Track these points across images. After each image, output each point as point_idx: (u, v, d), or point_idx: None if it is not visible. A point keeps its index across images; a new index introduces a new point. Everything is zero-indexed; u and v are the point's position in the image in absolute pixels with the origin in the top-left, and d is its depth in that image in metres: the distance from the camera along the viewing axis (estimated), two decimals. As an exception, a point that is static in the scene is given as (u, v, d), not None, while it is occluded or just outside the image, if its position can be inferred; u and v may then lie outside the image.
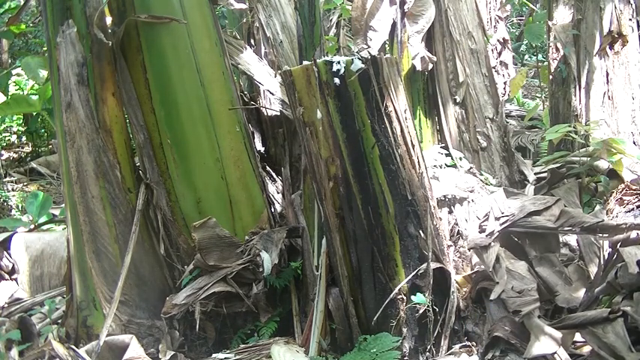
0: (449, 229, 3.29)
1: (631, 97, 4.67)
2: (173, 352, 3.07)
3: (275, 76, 3.88)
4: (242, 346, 3.01)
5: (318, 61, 2.60)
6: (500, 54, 8.69)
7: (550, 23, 4.99)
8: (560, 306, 3.01)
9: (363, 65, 2.57)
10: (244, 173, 3.40)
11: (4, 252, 4.02)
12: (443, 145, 4.28)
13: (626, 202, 3.55)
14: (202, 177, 3.30)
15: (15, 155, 8.45)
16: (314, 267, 3.12)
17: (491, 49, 4.75)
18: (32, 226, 4.68)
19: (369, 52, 3.59)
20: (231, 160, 3.35)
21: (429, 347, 2.77)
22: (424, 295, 2.72)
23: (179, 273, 3.33)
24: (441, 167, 3.87)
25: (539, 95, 8.09)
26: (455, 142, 4.28)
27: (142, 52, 3.23)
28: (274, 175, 3.98)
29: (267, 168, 3.98)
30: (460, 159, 4.07)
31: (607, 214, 3.44)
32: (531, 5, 8.72)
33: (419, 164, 2.75)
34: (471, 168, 4.05)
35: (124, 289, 3.16)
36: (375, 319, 2.72)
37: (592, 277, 3.07)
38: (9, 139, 8.83)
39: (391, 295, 2.69)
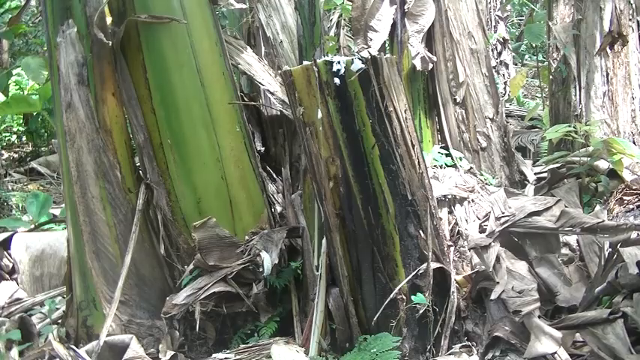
0: (449, 229, 3.29)
1: (631, 97, 4.67)
2: (173, 352, 3.07)
3: (275, 76, 3.88)
4: (242, 346, 3.01)
5: (318, 61, 2.60)
6: (500, 54, 8.70)
7: (550, 23, 4.99)
8: (560, 306, 3.01)
9: (363, 65, 2.57)
10: (244, 173, 3.40)
11: (4, 252, 4.01)
12: (443, 145, 4.28)
13: (626, 202, 3.55)
14: (202, 177, 3.29)
15: (15, 155, 8.45)
16: (314, 267, 3.12)
17: (491, 49, 4.76)
18: (32, 226, 4.68)
19: (369, 52, 3.59)
20: (231, 160, 3.35)
21: (429, 347, 2.77)
22: (424, 295, 2.72)
23: (179, 273, 3.33)
24: (441, 167, 3.88)
25: (539, 95, 8.09)
26: (455, 142, 4.28)
27: (142, 52, 3.22)
28: (274, 175, 3.98)
29: (267, 168, 3.98)
30: (460, 159, 4.07)
31: (607, 214, 3.44)
32: (531, 5, 8.72)
33: (419, 164, 2.75)
34: (471, 168, 4.04)
35: (124, 289, 3.15)
36: (375, 319, 2.72)
37: (592, 277, 3.07)
38: (9, 139, 8.84)
39: (391, 295, 2.69)
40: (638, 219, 3.31)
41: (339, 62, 2.57)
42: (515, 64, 9.54)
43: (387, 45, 4.34)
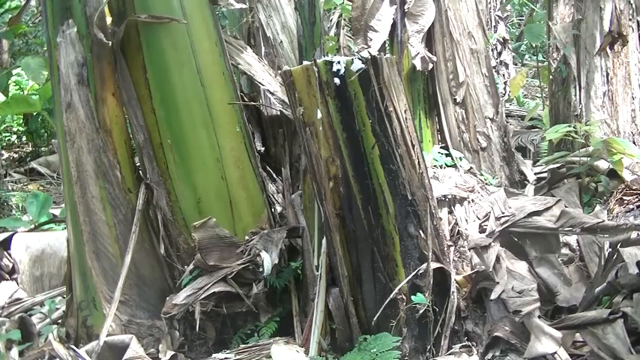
0: (449, 229, 3.29)
1: (631, 97, 4.67)
2: (173, 352, 3.07)
3: (275, 76, 3.88)
4: (242, 346, 3.01)
5: (318, 61, 2.60)
6: (500, 54, 8.70)
7: (550, 23, 4.99)
8: (560, 306, 3.01)
9: (363, 65, 2.57)
10: (244, 173, 3.40)
11: (4, 252, 4.01)
12: (443, 145, 4.28)
13: (626, 202, 3.56)
14: (202, 177, 3.29)
15: (15, 155, 8.45)
16: (314, 267, 3.12)
17: (491, 49, 4.77)
18: (32, 226, 4.68)
19: (369, 52, 3.59)
20: (231, 160, 3.35)
21: (429, 347, 2.77)
22: (424, 295, 2.72)
23: (179, 273, 3.33)
24: (441, 167, 3.88)
25: (539, 95, 8.09)
26: (455, 142, 4.29)
27: (142, 52, 3.22)
28: (274, 175, 3.98)
29: (267, 168, 3.98)
30: (460, 159, 4.07)
31: (607, 214, 3.44)
32: (531, 5, 8.73)
33: (419, 164, 2.75)
34: (471, 168, 4.05)
35: (124, 289, 3.15)
36: (375, 319, 2.72)
37: (592, 277, 3.07)
38: (9, 139, 8.84)
39: (391, 295, 2.69)
40: (638, 219, 3.31)
41: (339, 62, 2.57)
42: (515, 64, 9.55)
43: (387, 45, 4.34)
